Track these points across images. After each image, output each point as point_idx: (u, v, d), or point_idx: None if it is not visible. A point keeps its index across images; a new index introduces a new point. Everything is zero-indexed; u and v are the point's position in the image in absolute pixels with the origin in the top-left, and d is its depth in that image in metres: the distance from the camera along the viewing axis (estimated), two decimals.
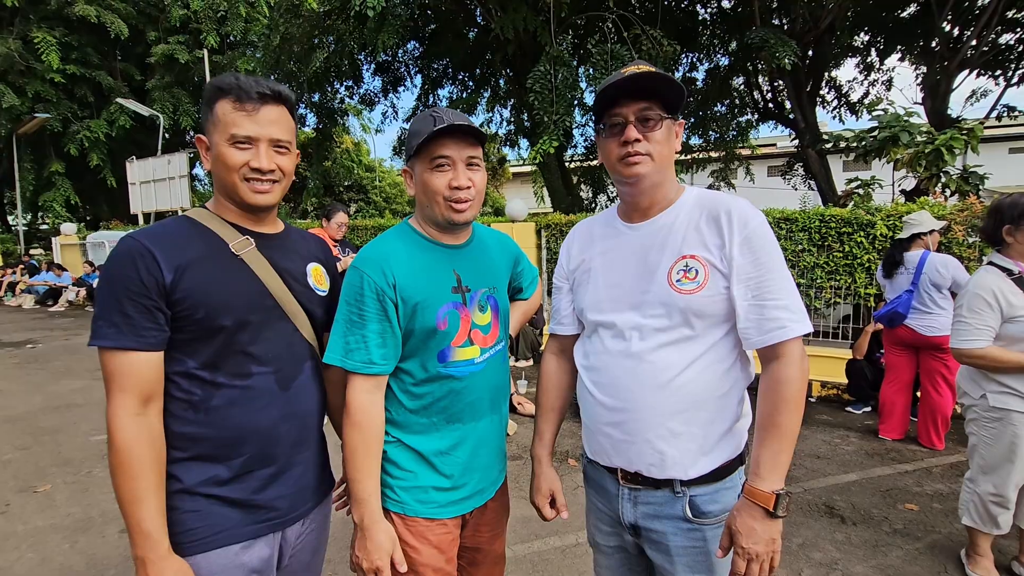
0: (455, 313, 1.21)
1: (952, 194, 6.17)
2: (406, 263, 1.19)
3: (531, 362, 6.48)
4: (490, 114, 12.31)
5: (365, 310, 1.13)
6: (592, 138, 11.87)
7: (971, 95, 10.54)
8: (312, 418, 1.21)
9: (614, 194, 12.86)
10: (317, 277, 1.23)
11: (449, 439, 1.23)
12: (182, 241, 1.05)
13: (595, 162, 12.40)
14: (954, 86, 8.94)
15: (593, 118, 1.17)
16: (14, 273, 13.36)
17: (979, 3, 8.55)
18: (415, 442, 1.22)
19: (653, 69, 1.07)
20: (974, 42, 8.42)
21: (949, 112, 8.96)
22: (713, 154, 12.09)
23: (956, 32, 9.08)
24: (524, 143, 12.51)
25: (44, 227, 18.52)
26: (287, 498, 1.14)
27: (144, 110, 14.20)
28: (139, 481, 0.96)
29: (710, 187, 12.10)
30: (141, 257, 0.99)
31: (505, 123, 12.62)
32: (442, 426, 1.23)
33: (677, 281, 1.07)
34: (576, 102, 8.35)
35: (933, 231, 3.74)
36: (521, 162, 14.89)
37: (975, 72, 9.28)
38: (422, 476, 1.22)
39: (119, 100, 14.53)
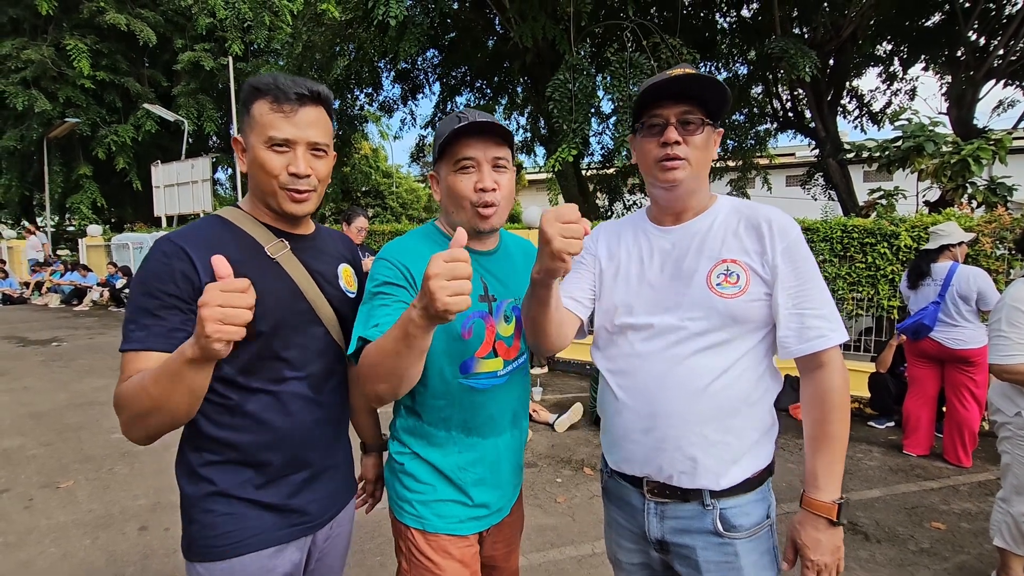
0: (480, 323, 1.17)
1: (979, 205, 6.03)
2: None
3: (546, 369, 6.45)
4: (507, 121, 12.37)
5: (388, 298, 1.08)
6: (609, 146, 11.86)
7: (998, 105, 10.31)
8: (343, 422, 1.21)
9: (630, 202, 12.81)
10: (347, 279, 1.22)
11: (468, 454, 1.19)
12: (217, 243, 1.02)
13: (611, 170, 12.37)
14: (980, 96, 8.77)
15: (631, 119, 1.14)
16: (42, 272, 13.72)
17: (1007, 12, 8.39)
18: (433, 456, 1.19)
19: (698, 72, 1.04)
20: (1001, 51, 8.26)
21: (975, 122, 8.78)
22: (731, 163, 11.98)
23: (982, 41, 8.91)
24: (540, 150, 12.54)
25: (71, 228, 18.99)
26: (318, 502, 1.13)
27: (170, 115, 14.54)
28: (146, 389, 0.89)
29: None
30: (177, 258, 0.97)
31: (522, 130, 12.67)
32: (461, 440, 1.19)
33: (718, 285, 1.06)
34: (593, 110, 8.35)
35: (962, 243, 3.66)
36: (537, 169, 14.92)
37: (1002, 82, 9.09)
38: (441, 490, 1.18)
39: (146, 106, 14.90)
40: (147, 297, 0.96)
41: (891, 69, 10.75)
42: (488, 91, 11.94)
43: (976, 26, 8.54)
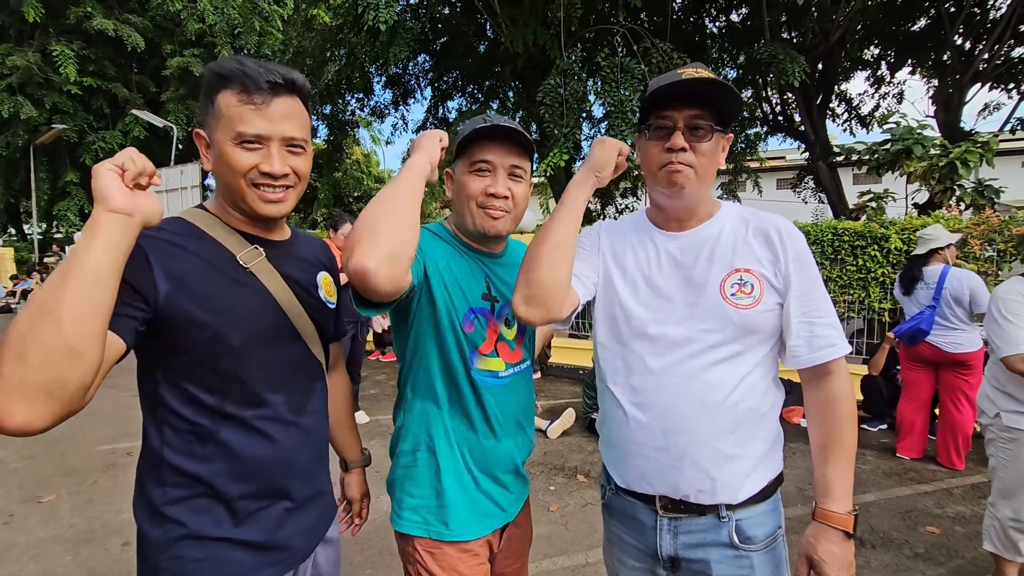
0: (482, 320, 1.16)
1: (967, 207, 6.09)
2: (440, 256, 1.13)
3: (539, 374, 6.42)
4: None
5: None
6: None
7: (984, 108, 10.47)
8: (325, 444, 1.12)
9: (623, 206, 12.83)
10: (327, 288, 1.12)
11: (473, 452, 1.17)
12: (180, 250, 0.89)
13: None
14: (967, 99, 8.87)
15: (639, 117, 1.11)
16: (28, 280, 13.53)
17: (991, 16, 8.51)
18: (441, 451, 1.15)
19: (711, 74, 0.99)
20: (986, 55, 8.37)
21: (962, 125, 8.89)
22: (721, 166, 12.03)
23: (968, 45, 9.02)
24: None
25: (58, 235, 18.76)
26: (302, 534, 1.03)
27: (158, 121, 14.42)
28: (35, 294, 0.70)
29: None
30: (137, 260, 0.81)
31: None
32: (466, 438, 1.17)
33: (732, 295, 1.02)
34: (585, 115, 8.36)
35: (950, 245, 3.66)
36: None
37: (988, 85, 9.21)
38: (448, 494, 1.15)
39: (134, 112, 14.77)
40: None
41: (879, 73, 10.87)
42: (479, 96, 11.93)
43: (962, 30, 8.65)
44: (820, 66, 9.23)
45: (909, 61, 10.24)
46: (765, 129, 11.39)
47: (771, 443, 1.08)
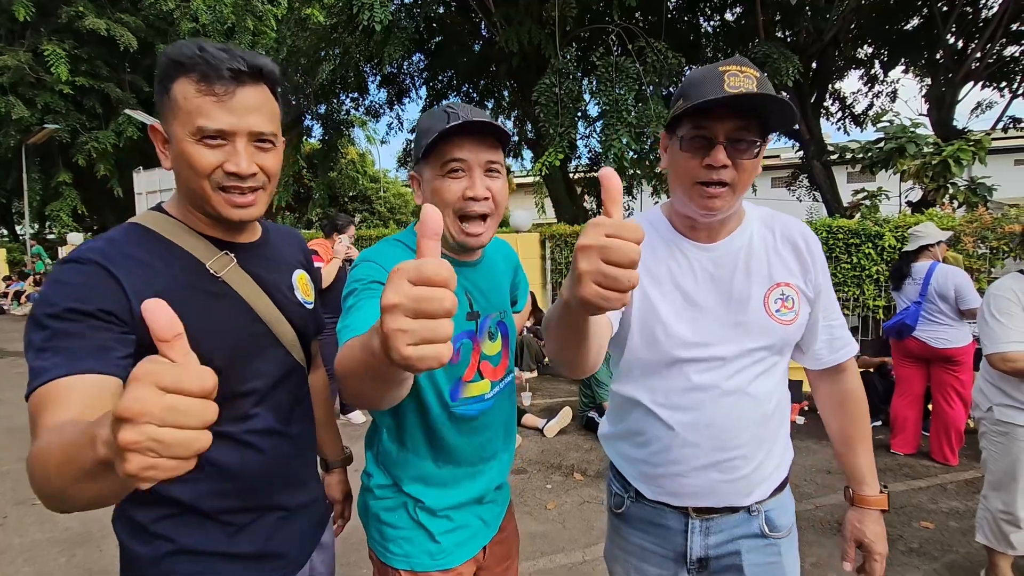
0: (468, 344, 1.05)
1: (960, 205, 6.14)
2: None
3: (535, 373, 6.42)
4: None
5: (364, 293, 0.91)
6: (596, 149, 11.90)
7: (976, 107, 10.55)
8: (314, 448, 1.10)
9: None
10: (303, 287, 1.05)
11: (457, 488, 1.10)
12: (147, 265, 0.81)
13: (598, 173, 12.42)
14: (959, 98, 8.94)
15: (664, 118, 1.07)
16: (21, 282, 13.44)
17: (983, 16, 8.58)
18: (421, 491, 1.09)
19: (757, 77, 0.88)
20: (979, 54, 8.43)
21: (955, 123, 8.95)
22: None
23: (961, 44, 9.09)
24: (527, 154, 12.54)
25: (51, 236, 18.64)
26: (297, 541, 1.00)
27: (152, 121, 14.30)
28: (47, 467, 0.61)
29: None
30: (102, 281, 0.75)
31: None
32: (451, 474, 1.10)
33: (777, 311, 1.02)
34: (580, 114, 8.38)
35: (940, 242, 3.70)
36: (524, 173, 14.94)
37: (980, 84, 9.29)
38: (433, 528, 1.09)
39: (127, 111, 14.67)
40: (59, 320, 0.72)
41: (872, 72, 10.95)
42: (475, 95, 11.93)
43: (954, 29, 8.72)
44: (814, 65, 9.28)
45: (902, 60, 10.32)
46: None
47: (786, 434, 1.12)
